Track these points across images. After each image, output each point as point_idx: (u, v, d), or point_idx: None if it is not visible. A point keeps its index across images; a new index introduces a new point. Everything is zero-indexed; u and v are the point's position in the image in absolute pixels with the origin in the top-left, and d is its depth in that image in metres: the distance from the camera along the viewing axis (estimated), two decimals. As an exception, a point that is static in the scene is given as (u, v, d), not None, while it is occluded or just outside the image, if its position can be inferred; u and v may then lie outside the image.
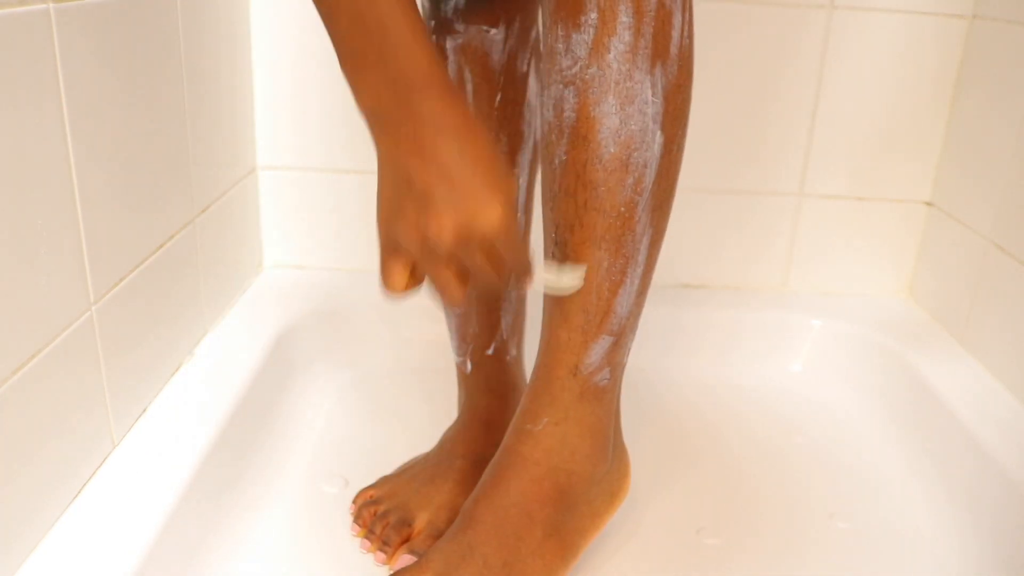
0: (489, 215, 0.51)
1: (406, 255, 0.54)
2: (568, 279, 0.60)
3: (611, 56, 0.55)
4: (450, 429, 0.79)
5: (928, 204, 1.04)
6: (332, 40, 0.52)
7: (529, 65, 0.73)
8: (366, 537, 0.70)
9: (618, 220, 0.58)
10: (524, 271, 0.56)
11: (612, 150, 0.57)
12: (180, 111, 0.77)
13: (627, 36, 0.55)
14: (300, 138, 1.01)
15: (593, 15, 0.54)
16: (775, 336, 1.02)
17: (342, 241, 1.06)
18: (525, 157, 0.76)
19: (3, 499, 0.53)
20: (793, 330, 1.03)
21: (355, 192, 1.03)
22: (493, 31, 0.70)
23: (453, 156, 0.51)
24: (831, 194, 1.04)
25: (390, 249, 0.54)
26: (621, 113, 0.56)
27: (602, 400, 0.64)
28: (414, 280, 0.55)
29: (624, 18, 0.55)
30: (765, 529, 0.75)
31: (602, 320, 0.61)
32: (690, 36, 0.58)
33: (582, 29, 0.55)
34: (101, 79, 0.63)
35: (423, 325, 1.00)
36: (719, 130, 1.01)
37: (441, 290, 0.54)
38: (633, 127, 0.57)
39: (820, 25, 0.97)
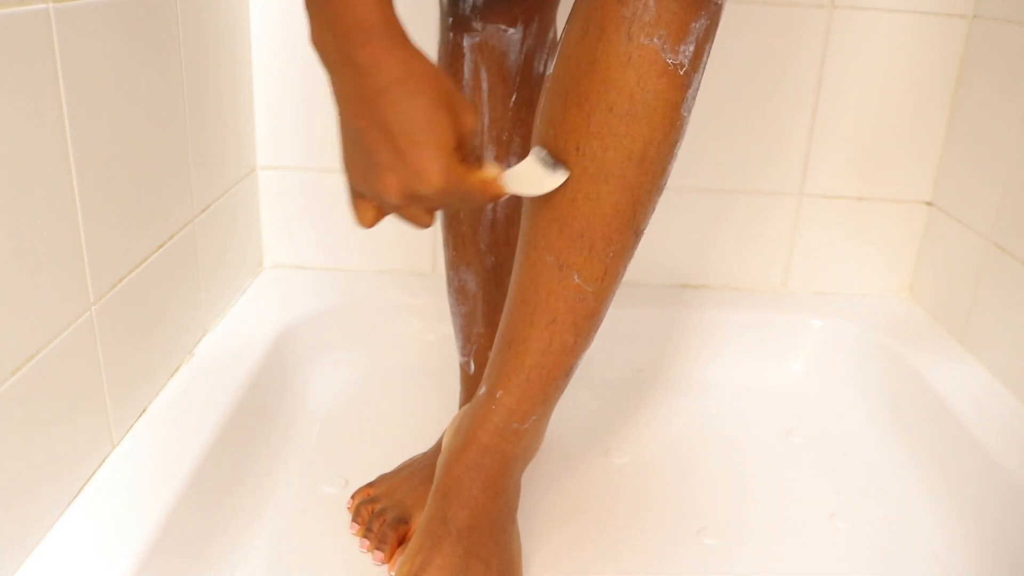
0: (429, 181, 0.49)
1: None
2: (551, 179, 0.56)
3: (690, 91, 0.56)
4: (450, 429, 0.79)
5: (929, 204, 1.04)
6: None
7: (545, 66, 0.72)
8: (364, 536, 0.70)
9: (636, 238, 0.59)
10: (492, 198, 0.55)
11: (663, 179, 0.58)
12: (180, 111, 0.77)
13: (702, 73, 0.56)
14: (300, 138, 1.01)
15: (691, 48, 0.54)
16: (775, 336, 1.02)
17: (342, 241, 1.06)
18: None
19: (3, 499, 0.53)
20: (793, 330, 1.03)
21: (355, 192, 1.03)
22: (511, 31, 0.69)
23: (394, 115, 0.48)
24: (831, 194, 1.04)
25: (356, 190, 0.55)
26: (676, 146, 0.57)
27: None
28: (382, 213, 0.55)
29: (705, 58, 0.55)
30: (765, 529, 0.75)
31: (597, 324, 0.62)
32: None
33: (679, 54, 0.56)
34: (101, 79, 0.63)
35: (423, 325, 1.00)
36: (719, 130, 1.01)
37: (409, 223, 0.54)
38: (676, 152, 0.59)
39: (820, 25, 0.97)
